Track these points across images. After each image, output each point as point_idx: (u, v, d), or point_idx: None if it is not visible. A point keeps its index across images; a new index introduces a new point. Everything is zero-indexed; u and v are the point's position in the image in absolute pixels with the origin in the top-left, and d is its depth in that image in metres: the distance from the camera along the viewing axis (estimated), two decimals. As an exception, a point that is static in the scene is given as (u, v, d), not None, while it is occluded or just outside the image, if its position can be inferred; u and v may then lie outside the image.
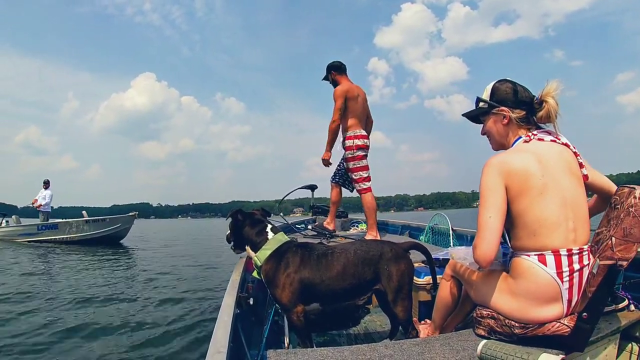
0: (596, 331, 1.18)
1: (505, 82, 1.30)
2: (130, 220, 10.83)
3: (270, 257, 1.48)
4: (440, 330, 1.51)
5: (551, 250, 1.11)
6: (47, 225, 10.87)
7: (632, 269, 1.52)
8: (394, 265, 1.45)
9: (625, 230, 1.07)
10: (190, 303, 4.24)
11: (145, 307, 4.07)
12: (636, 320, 1.29)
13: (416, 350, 1.14)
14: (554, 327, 1.10)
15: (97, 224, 10.71)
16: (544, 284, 1.11)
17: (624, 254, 1.04)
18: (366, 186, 3.22)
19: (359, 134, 3.18)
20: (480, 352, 1.06)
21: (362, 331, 2.00)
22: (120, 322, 3.48)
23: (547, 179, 1.13)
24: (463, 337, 1.23)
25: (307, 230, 3.78)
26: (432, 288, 1.81)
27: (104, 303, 4.14)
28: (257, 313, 1.82)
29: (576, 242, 1.12)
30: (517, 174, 1.13)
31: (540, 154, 1.17)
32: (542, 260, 1.11)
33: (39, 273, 5.98)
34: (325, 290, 1.43)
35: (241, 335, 1.27)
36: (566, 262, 1.10)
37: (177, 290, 4.87)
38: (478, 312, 1.26)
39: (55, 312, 3.72)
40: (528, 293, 1.13)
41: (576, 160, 1.21)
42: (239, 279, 1.60)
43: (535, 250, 1.13)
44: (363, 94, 3.28)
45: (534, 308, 1.12)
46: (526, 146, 1.22)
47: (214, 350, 0.92)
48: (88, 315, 3.69)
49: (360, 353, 1.13)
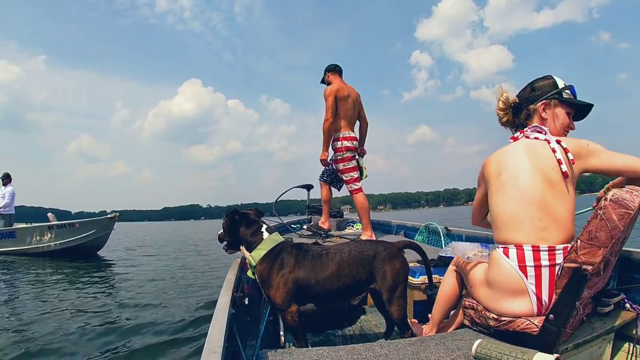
0: (590, 330, 1.19)
1: (539, 79, 1.39)
2: (108, 224, 8.09)
3: (264, 257, 1.48)
4: (439, 327, 1.53)
5: (514, 244, 1.16)
6: (2, 234, 8.42)
7: (628, 270, 1.53)
8: (388, 265, 1.45)
9: (590, 233, 1.04)
10: (185, 302, 4.22)
11: (136, 306, 4.04)
12: (631, 320, 1.30)
13: (411, 349, 1.14)
14: (523, 325, 1.11)
15: (64, 230, 8.08)
16: (507, 275, 1.15)
17: (587, 258, 1.03)
18: (357, 186, 3.25)
19: (347, 135, 3.22)
20: (475, 352, 1.06)
21: (357, 331, 2.00)
22: (112, 323, 3.46)
23: (505, 178, 1.23)
24: (458, 337, 1.23)
25: (302, 230, 3.78)
26: (427, 287, 1.82)
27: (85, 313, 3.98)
28: (252, 313, 1.81)
29: (547, 241, 1.13)
30: (486, 173, 1.32)
31: (507, 155, 1.28)
32: (505, 253, 1.17)
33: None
34: (320, 291, 1.43)
35: (236, 335, 1.26)
36: (530, 257, 1.12)
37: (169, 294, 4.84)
38: (463, 303, 1.34)
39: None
40: (496, 282, 1.19)
41: (553, 158, 1.18)
42: (234, 279, 1.59)
43: (501, 243, 1.21)
44: (355, 94, 3.29)
45: (503, 299, 1.17)
46: (506, 147, 1.32)
47: (209, 350, 0.91)
48: (79, 322, 3.66)
49: (355, 352, 1.12)
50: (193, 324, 3.42)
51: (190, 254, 9.61)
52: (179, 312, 3.81)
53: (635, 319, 1.30)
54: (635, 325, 1.30)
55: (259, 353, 1.16)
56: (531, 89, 1.38)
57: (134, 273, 6.28)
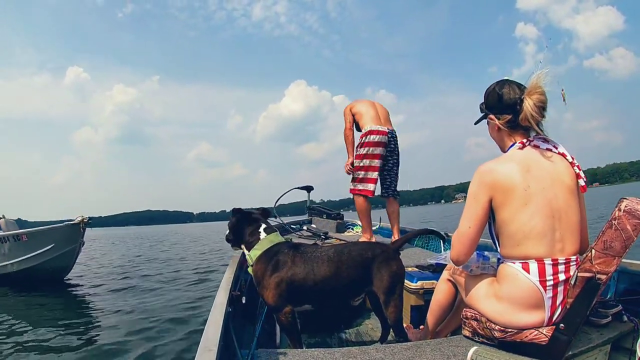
0: (587, 341, 1.19)
1: (497, 84, 1.26)
2: (71, 234, 5.39)
3: (260, 258, 1.49)
4: (433, 335, 1.51)
5: (535, 259, 1.12)
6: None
7: (626, 281, 1.53)
8: (385, 267, 1.45)
9: (605, 243, 1.05)
10: (181, 301, 4.22)
11: (137, 300, 4.04)
12: (628, 332, 1.29)
13: (407, 354, 1.14)
14: (532, 335, 1.10)
15: (15, 245, 5.49)
16: (526, 290, 1.12)
17: (602, 267, 1.04)
18: (355, 187, 3.14)
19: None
20: (471, 359, 1.06)
21: (353, 334, 1.99)
22: (110, 317, 3.45)
23: (533, 190, 1.12)
24: (454, 343, 1.23)
25: (302, 230, 3.78)
26: (424, 292, 1.82)
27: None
28: (249, 312, 1.81)
29: (563, 253, 1.12)
30: (501, 184, 1.14)
31: (529, 164, 1.15)
32: (525, 268, 1.13)
33: None
34: (316, 291, 1.44)
35: (232, 333, 1.26)
36: (550, 272, 1.10)
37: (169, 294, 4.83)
38: (464, 313, 1.29)
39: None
40: (511, 298, 1.15)
41: (572, 171, 1.18)
42: (232, 277, 1.59)
43: (520, 258, 1.14)
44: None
45: (516, 313, 1.13)
46: (517, 154, 1.20)
47: (205, 348, 0.91)
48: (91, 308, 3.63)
49: (351, 355, 1.12)
50: (189, 322, 3.42)
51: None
52: (174, 308, 3.81)
53: (632, 331, 1.30)
54: (632, 337, 1.30)
55: (255, 352, 1.16)
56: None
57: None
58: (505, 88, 1.23)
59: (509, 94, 1.21)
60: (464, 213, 1.22)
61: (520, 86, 1.22)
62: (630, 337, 1.30)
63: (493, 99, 1.26)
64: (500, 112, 1.24)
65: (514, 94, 1.20)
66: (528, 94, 1.17)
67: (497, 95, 1.23)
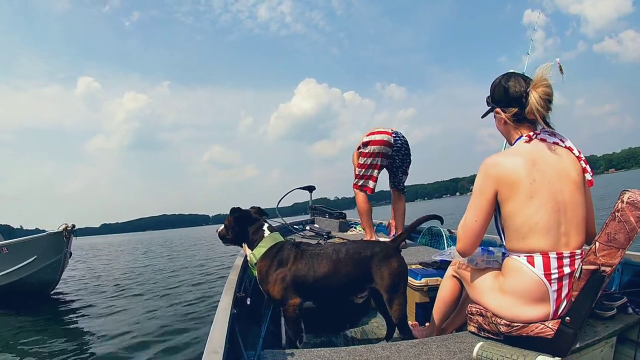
0: (593, 334, 1.19)
1: (502, 77, 1.27)
2: (55, 243, 4.91)
3: (265, 255, 1.53)
4: (438, 332, 1.52)
5: (540, 253, 1.12)
6: None
7: (630, 273, 1.52)
8: (385, 264, 1.46)
9: (609, 235, 1.05)
10: (187, 302, 4.23)
11: (143, 303, 4.05)
12: (633, 324, 1.29)
13: (413, 351, 1.14)
14: (537, 329, 1.10)
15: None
16: (531, 284, 1.12)
17: (607, 259, 1.04)
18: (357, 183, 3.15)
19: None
20: (476, 354, 1.06)
21: (359, 332, 2.00)
22: (117, 321, 3.46)
23: (539, 183, 1.12)
24: (459, 339, 1.23)
25: (305, 230, 3.78)
26: (428, 290, 1.82)
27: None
28: (254, 313, 1.82)
29: (568, 246, 1.12)
30: (507, 178, 1.14)
31: (535, 157, 1.15)
32: (530, 261, 1.13)
33: None
34: (318, 288, 1.47)
35: (238, 335, 1.26)
36: (555, 265, 1.10)
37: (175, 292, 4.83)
38: (469, 309, 1.29)
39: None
40: (516, 291, 1.15)
41: (579, 165, 1.18)
42: (236, 279, 1.60)
43: (525, 252, 1.15)
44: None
45: (521, 306, 1.13)
46: (523, 147, 1.20)
47: (211, 351, 0.91)
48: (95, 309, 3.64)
49: (357, 354, 1.13)
50: (195, 324, 3.43)
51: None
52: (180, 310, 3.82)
53: (638, 323, 1.30)
54: (637, 328, 1.30)
55: (261, 353, 1.17)
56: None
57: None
58: (511, 81, 1.23)
59: (515, 87, 1.22)
60: (470, 206, 1.23)
61: (526, 79, 1.22)
62: (635, 328, 1.30)
63: (499, 92, 1.27)
64: (506, 105, 1.25)
65: (519, 87, 1.21)
66: (534, 86, 1.17)
67: (503, 89, 1.24)
